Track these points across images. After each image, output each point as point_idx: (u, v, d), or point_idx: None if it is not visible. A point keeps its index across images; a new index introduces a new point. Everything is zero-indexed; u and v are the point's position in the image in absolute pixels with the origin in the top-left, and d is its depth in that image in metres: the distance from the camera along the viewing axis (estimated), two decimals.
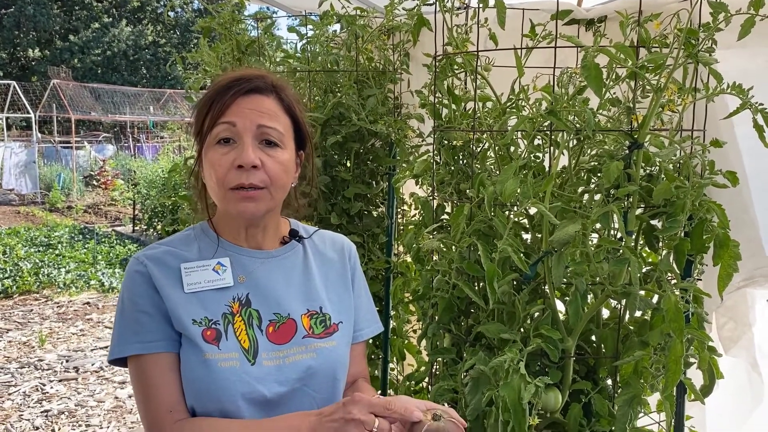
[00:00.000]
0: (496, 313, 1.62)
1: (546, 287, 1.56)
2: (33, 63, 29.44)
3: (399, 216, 2.49)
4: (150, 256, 1.21)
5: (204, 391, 1.13)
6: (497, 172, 1.71)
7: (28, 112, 17.29)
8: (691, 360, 1.48)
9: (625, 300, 1.55)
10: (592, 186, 1.54)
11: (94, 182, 15.89)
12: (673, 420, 1.52)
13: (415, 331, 2.48)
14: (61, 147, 18.05)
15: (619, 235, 1.50)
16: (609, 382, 1.70)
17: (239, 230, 1.27)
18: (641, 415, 1.58)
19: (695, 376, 1.53)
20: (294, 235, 1.34)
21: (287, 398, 1.18)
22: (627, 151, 1.44)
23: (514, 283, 1.62)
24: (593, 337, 1.67)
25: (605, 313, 1.68)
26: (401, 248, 2.42)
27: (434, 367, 2.00)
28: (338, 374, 1.25)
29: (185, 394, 1.15)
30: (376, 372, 2.54)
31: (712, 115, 1.62)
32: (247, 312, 1.21)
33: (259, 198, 1.18)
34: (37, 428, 4.24)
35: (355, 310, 1.35)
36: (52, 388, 4.88)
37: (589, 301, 1.52)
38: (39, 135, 17.81)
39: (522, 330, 1.57)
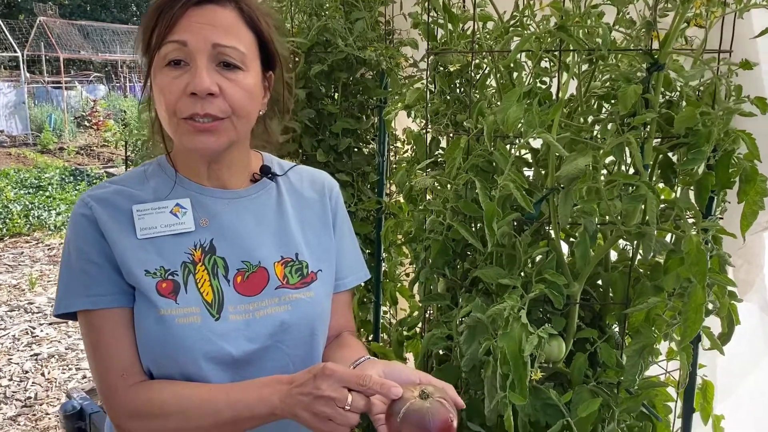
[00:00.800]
0: (495, 257, 1.48)
1: (550, 228, 1.41)
2: (19, 0, 28.53)
3: (391, 153, 2.32)
4: (97, 196, 1.05)
5: (160, 351, 1.00)
6: (498, 101, 1.54)
7: (15, 51, 16.79)
8: (710, 307, 1.34)
9: (637, 241, 1.40)
10: (605, 114, 1.37)
11: (86, 123, 15.57)
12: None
13: (408, 275, 2.35)
14: (52, 87, 17.64)
15: (632, 169, 1.34)
16: (616, 329, 1.58)
17: (200, 167, 1.10)
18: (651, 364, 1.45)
19: (710, 323, 1.40)
20: (266, 172, 1.18)
21: (258, 357, 1.05)
22: (645, 74, 1.27)
23: (515, 223, 1.47)
24: (599, 282, 1.53)
25: (612, 255, 1.54)
26: (393, 187, 2.25)
27: (427, 312, 1.87)
28: (317, 329, 1.11)
29: (140, 354, 1.01)
30: (368, 316, 2.42)
31: (740, 34, 1.43)
32: (211, 260, 1.06)
33: (219, 130, 1.01)
34: (27, 372, 4.18)
35: (338, 256, 1.20)
36: (42, 331, 4.81)
37: (598, 242, 1.37)
38: (28, 75, 17.34)
39: (523, 275, 1.43)
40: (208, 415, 0.98)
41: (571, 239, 1.49)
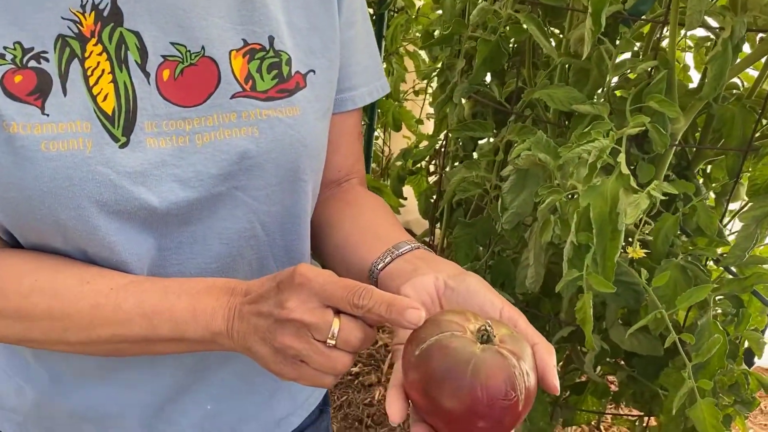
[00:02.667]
0: (567, 72, 1.01)
1: (661, 33, 0.93)
2: None
3: None
4: None
5: (15, 199, 0.55)
6: None
7: None
8: None
9: None
10: None
11: None
12: None
13: (417, 93, 1.86)
14: None
15: None
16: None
17: None
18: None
19: None
20: None
21: (199, 215, 0.61)
22: None
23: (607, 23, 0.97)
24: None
25: None
26: None
27: (444, 143, 1.43)
28: (302, 170, 0.65)
29: None
30: None
31: None
32: (115, 36, 0.57)
33: None
34: None
35: (344, 52, 0.70)
36: None
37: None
38: None
39: (607, 100, 0.98)
40: (103, 327, 0.56)
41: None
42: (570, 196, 0.89)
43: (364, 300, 0.48)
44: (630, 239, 0.96)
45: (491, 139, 1.22)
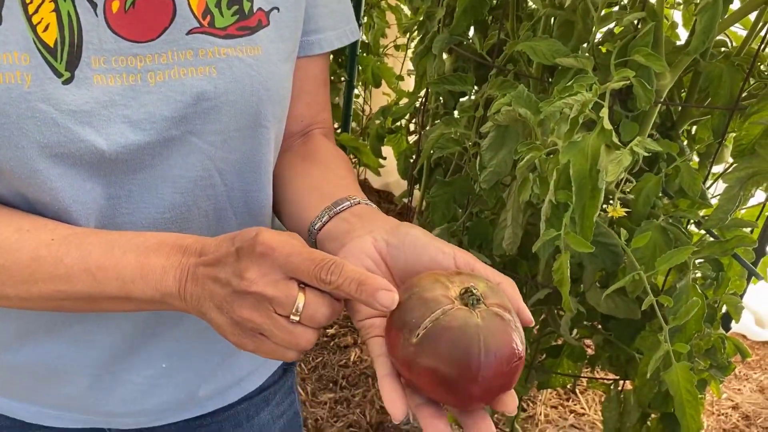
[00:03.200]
0: (551, 25, 0.97)
1: None
2: None
3: None
4: None
5: None
6: None
7: None
8: None
9: None
10: None
11: None
12: None
13: (397, 47, 1.80)
14: None
15: None
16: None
17: None
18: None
19: None
20: None
21: (151, 161, 0.56)
22: None
23: None
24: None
25: None
26: None
27: (425, 101, 1.38)
28: (263, 116, 0.60)
29: None
30: (336, 99, 1.90)
31: None
32: None
33: None
34: None
35: None
36: None
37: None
38: None
39: (591, 54, 0.94)
40: (45, 282, 0.52)
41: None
42: (550, 154, 0.86)
43: (332, 275, 0.44)
44: (610, 199, 0.93)
45: (472, 97, 1.18)
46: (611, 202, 0.91)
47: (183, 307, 0.50)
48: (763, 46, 0.94)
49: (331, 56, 1.73)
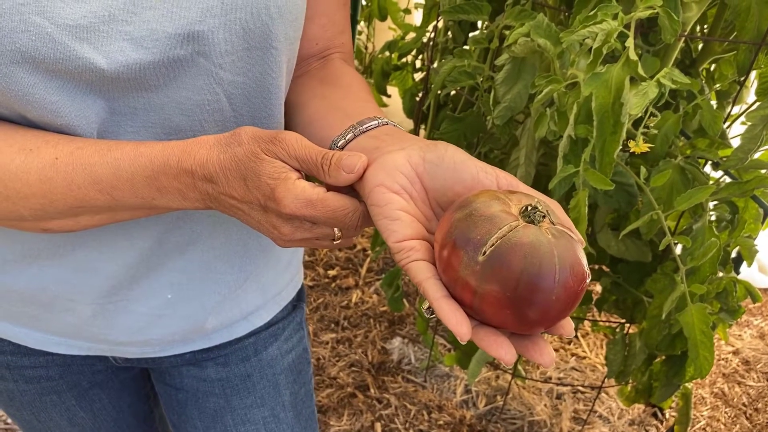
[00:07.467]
0: None
1: None
2: None
3: None
4: None
5: None
6: None
7: None
8: None
9: None
10: None
11: None
12: None
13: None
14: None
15: None
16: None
17: None
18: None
19: None
20: None
21: (155, 80, 0.53)
22: None
23: None
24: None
25: None
26: None
27: (434, 33, 1.33)
28: (274, 36, 0.56)
29: None
30: None
31: None
32: None
33: None
34: None
35: None
36: None
37: None
38: None
39: None
40: (59, 201, 0.49)
41: None
42: (569, 87, 0.82)
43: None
44: (628, 137, 0.90)
45: (485, 31, 1.13)
46: (630, 139, 0.88)
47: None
48: None
49: None
